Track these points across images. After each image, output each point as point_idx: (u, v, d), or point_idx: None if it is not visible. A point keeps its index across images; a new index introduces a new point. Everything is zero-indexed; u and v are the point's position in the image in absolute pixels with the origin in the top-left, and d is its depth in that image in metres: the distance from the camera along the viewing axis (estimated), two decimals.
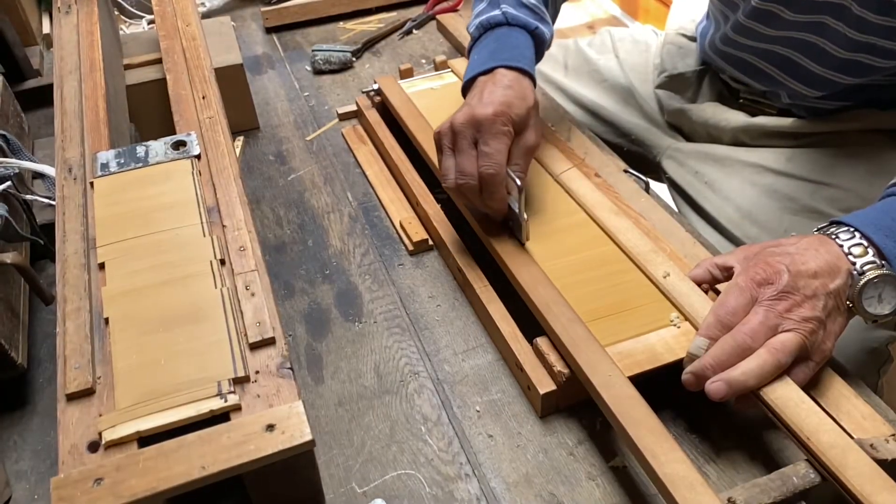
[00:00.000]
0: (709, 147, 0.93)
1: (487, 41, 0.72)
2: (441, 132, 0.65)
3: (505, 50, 0.70)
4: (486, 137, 0.62)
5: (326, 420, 0.59)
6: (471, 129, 0.63)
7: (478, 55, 0.72)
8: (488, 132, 0.62)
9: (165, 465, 0.42)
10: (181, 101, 0.71)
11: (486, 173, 0.62)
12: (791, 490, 0.46)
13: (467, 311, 0.67)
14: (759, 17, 0.79)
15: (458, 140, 0.63)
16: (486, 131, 0.62)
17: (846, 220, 0.55)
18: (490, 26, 0.73)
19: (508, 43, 0.71)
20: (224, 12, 1.26)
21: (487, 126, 0.62)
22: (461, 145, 0.63)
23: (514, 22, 0.72)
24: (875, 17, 0.69)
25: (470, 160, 0.63)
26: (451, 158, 0.64)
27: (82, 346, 0.48)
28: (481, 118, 0.62)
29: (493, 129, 0.62)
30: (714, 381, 0.50)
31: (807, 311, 0.51)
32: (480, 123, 0.62)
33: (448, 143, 0.65)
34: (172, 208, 0.58)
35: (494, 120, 0.62)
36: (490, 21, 0.72)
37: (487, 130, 0.62)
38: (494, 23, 0.72)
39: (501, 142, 0.62)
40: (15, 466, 0.56)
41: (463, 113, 0.64)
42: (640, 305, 0.60)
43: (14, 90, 0.83)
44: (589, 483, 0.53)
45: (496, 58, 0.69)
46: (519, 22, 0.72)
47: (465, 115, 0.63)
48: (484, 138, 0.62)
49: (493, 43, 0.71)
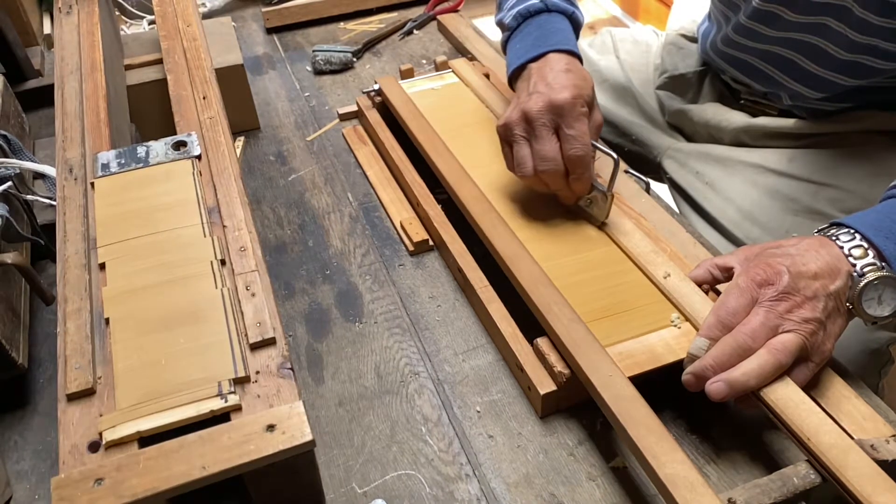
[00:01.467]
0: (710, 147, 0.93)
1: (529, 29, 0.73)
2: (510, 122, 0.65)
3: (551, 35, 0.71)
4: (570, 121, 0.63)
5: (327, 420, 0.59)
6: (550, 114, 0.63)
7: (521, 43, 0.72)
8: (570, 115, 0.63)
9: (166, 465, 0.42)
10: (182, 101, 0.71)
11: (576, 155, 0.63)
12: (791, 491, 0.46)
13: (468, 311, 0.67)
14: (761, 18, 0.79)
15: (537, 127, 0.64)
16: (567, 115, 0.63)
17: (847, 221, 0.55)
18: (529, 14, 0.74)
19: (552, 28, 0.72)
20: (225, 13, 1.26)
21: (569, 109, 0.63)
22: (540, 132, 0.64)
23: (553, 8, 0.73)
24: (877, 19, 0.69)
25: (552, 145, 0.63)
26: (526, 147, 0.65)
27: (83, 346, 0.48)
28: (561, 102, 0.63)
29: (574, 111, 0.63)
30: (714, 382, 0.50)
31: (807, 312, 0.51)
32: (561, 108, 0.63)
33: (521, 133, 0.65)
34: (173, 209, 0.58)
35: (574, 103, 0.63)
36: (529, 9, 0.74)
37: (569, 114, 0.63)
38: (534, 10, 0.73)
39: (584, 123, 0.63)
40: (16, 466, 0.56)
41: (536, 100, 0.64)
42: (641, 306, 0.60)
43: (15, 90, 0.83)
44: (589, 483, 0.53)
45: (545, 43, 0.70)
46: (558, 8, 0.73)
47: (542, 101, 0.64)
48: (567, 122, 0.63)
49: (536, 30, 0.72)
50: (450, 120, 0.83)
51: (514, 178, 0.72)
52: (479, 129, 0.82)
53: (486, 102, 0.86)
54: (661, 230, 0.68)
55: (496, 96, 0.87)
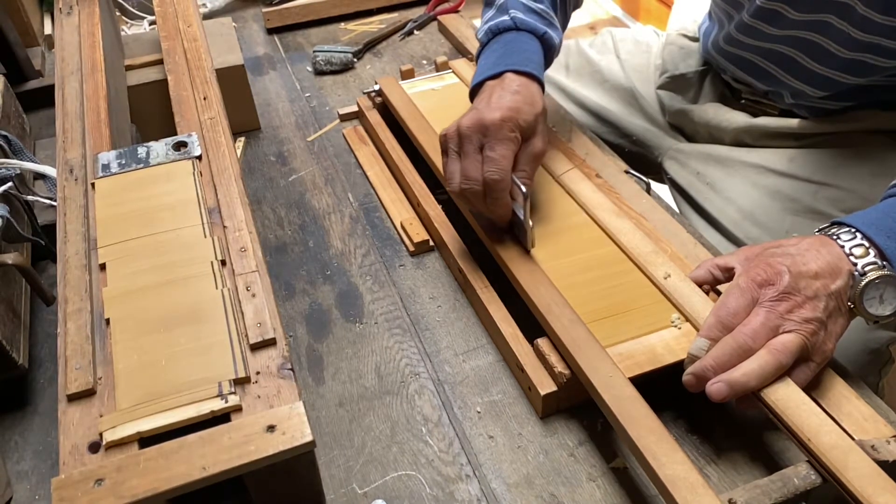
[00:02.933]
0: (710, 148, 0.93)
1: (496, 46, 0.72)
2: (447, 135, 0.65)
3: (513, 54, 0.70)
4: (493, 143, 0.62)
5: (327, 421, 0.59)
6: (478, 133, 0.62)
7: (486, 60, 0.72)
8: (495, 137, 0.62)
9: (166, 465, 0.42)
10: (182, 101, 0.71)
11: (490, 179, 0.61)
12: (792, 491, 0.46)
13: (468, 311, 0.67)
14: (764, 16, 0.79)
15: (465, 144, 0.63)
16: (492, 136, 0.62)
17: (847, 220, 0.55)
18: (499, 31, 0.73)
19: (517, 48, 0.71)
20: (225, 13, 1.26)
21: (494, 131, 0.62)
22: (467, 149, 0.63)
23: (522, 27, 0.72)
24: (880, 17, 0.69)
25: (475, 165, 0.62)
26: (456, 162, 0.64)
27: (83, 347, 0.48)
28: (488, 123, 0.62)
29: (500, 134, 0.62)
30: (715, 382, 0.50)
31: (808, 311, 0.50)
32: (487, 128, 0.62)
33: (454, 147, 0.64)
34: (173, 209, 0.58)
35: (502, 125, 0.62)
36: (499, 26, 0.73)
37: (494, 136, 0.62)
38: (503, 28, 0.72)
39: (508, 147, 0.62)
40: (16, 467, 0.56)
41: (470, 117, 0.63)
42: (641, 306, 0.60)
43: (16, 91, 0.84)
44: (590, 484, 0.53)
45: (504, 62, 0.69)
46: (527, 27, 0.72)
47: (473, 120, 0.63)
48: (490, 143, 0.62)
49: (501, 48, 0.71)
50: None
51: None
52: None
53: None
54: (662, 230, 0.68)
55: None
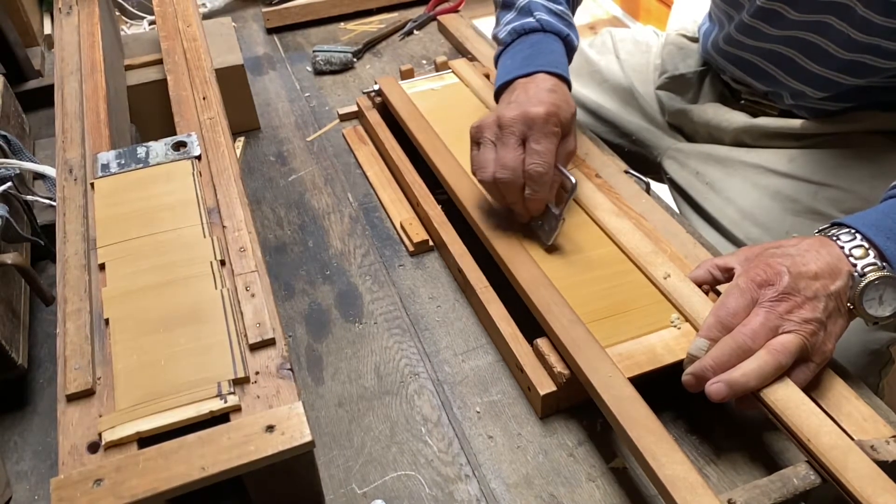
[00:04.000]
0: (710, 148, 0.93)
1: (521, 46, 0.73)
2: (483, 126, 0.65)
3: (542, 55, 0.70)
4: (538, 136, 0.62)
5: (326, 421, 0.59)
6: (521, 125, 0.63)
7: (511, 60, 0.72)
8: (540, 131, 0.62)
9: (165, 465, 0.42)
10: (182, 101, 0.71)
11: (535, 171, 0.62)
12: (791, 491, 0.46)
13: (468, 311, 0.67)
14: (764, 16, 0.79)
15: (505, 135, 0.63)
16: (537, 129, 0.62)
17: (847, 221, 0.55)
18: (524, 32, 0.73)
19: (545, 49, 0.71)
20: (225, 13, 1.26)
21: (540, 124, 0.62)
22: (507, 140, 0.63)
23: (549, 29, 0.73)
24: (879, 18, 0.69)
25: (514, 156, 0.63)
26: (491, 151, 0.64)
27: (82, 347, 0.48)
28: (534, 116, 0.62)
29: (546, 128, 0.62)
30: (714, 383, 0.50)
31: (807, 312, 0.50)
32: (533, 121, 0.62)
33: (491, 137, 0.64)
34: (173, 209, 0.58)
35: (547, 119, 0.62)
36: (524, 27, 0.73)
37: (539, 129, 0.62)
38: (529, 29, 0.73)
39: (552, 142, 0.62)
40: (16, 467, 0.56)
41: (512, 109, 0.63)
42: (641, 306, 0.60)
43: (15, 91, 0.84)
44: (589, 484, 0.53)
45: (535, 62, 0.69)
46: (553, 29, 0.73)
47: (517, 111, 0.63)
48: (535, 136, 0.62)
49: (528, 48, 0.72)
50: (450, 120, 0.83)
51: None
52: None
53: (486, 103, 0.86)
54: (662, 230, 0.68)
55: None
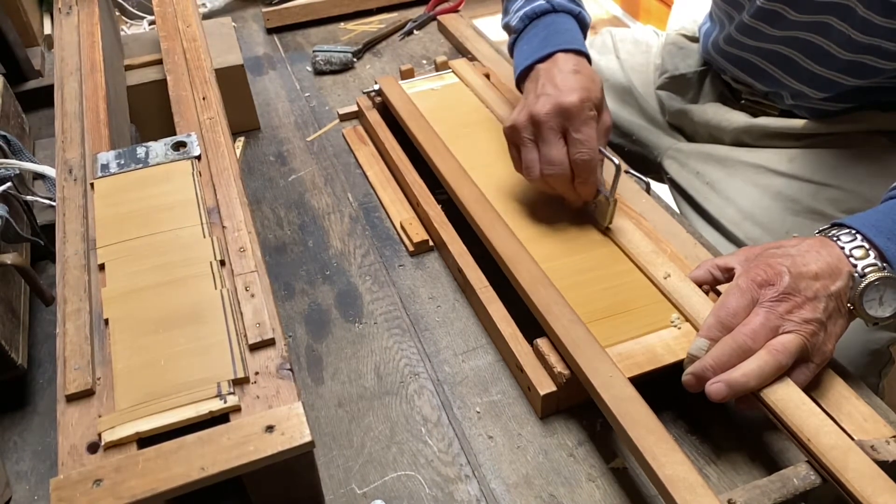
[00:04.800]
0: (710, 147, 0.93)
1: (535, 30, 0.72)
2: (518, 125, 0.65)
3: (558, 34, 0.70)
4: (577, 125, 0.62)
5: (326, 421, 0.59)
6: (558, 118, 0.63)
7: (528, 45, 0.72)
8: (578, 119, 0.62)
9: (165, 466, 0.42)
10: (182, 101, 0.71)
11: (581, 160, 0.62)
12: (791, 491, 0.46)
13: (467, 311, 0.67)
14: (765, 17, 0.79)
15: (544, 130, 0.63)
16: (575, 118, 0.62)
17: (848, 221, 0.55)
18: (535, 16, 0.73)
19: (560, 28, 0.71)
20: (225, 13, 1.26)
21: (576, 113, 0.62)
22: (547, 136, 0.63)
23: (559, 8, 0.73)
24: (880, 19, 0.69)
25: (559, 149, 0.63)
26: (534, 151, 0.64)
27: (82, 347, 0.48)
28: (569, 106, 0.62)
29: (583, 115, 0.62)
30: (714, 382, 0.50)
31: (808, 312, 0.50)
32: (569, 111, 0.62)
33: (529, 136, 0.64)
34: (172, 209, 0.58)
35: (582, 106, 0.62)
36: (535, 11, 0.73)
37: (577, 117, 0.62)
38: (540, 11, 0.73)
39: (592, 127, 0.63)
40: (15, 467, 0.56)
41: (544, 102, 0.63)
42: (641, 306, 0.60)
43: (15, 91, 0.84)
44: (589, 484, 0.53)
45: (552, 43, 0.69)
46: (565, 8, 0.73)
47: (550, 104, 0.63)
48: (575, 125, 0.62)
49: (542, 31, 0.72)
50: (450, 120, 0.83)
51: (515, 179, 0.72)
52: (480, 130, 0.82)
53: (486, 103, 0.86)
54: (662, 230, 0.68)
55: (496, 96, 0.87)
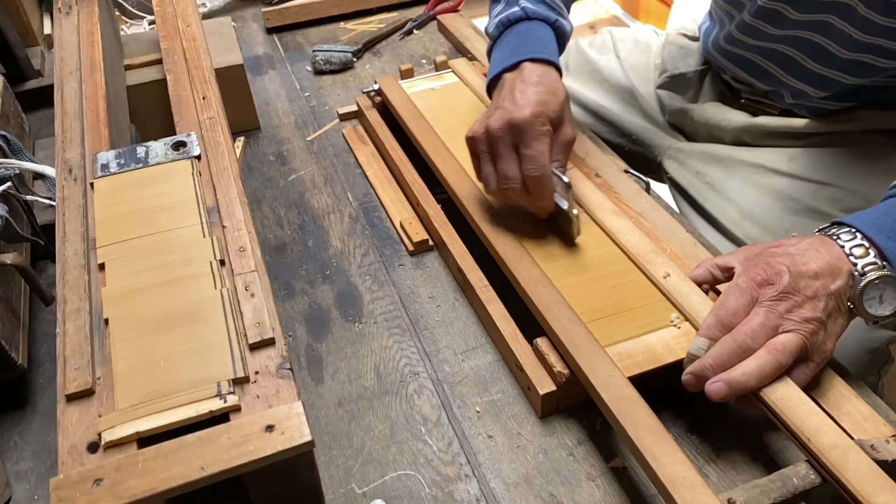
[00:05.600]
0: (710, 147, 0.93)
1: (509, 38, 0.72)
2: (475, 137, 0.64)
3: (528, 43, 0.70)
4: (528, 140, 0.61)
5: (326, 420, 0.59)
6: (509, 133, 0.62)
7: (500, 52, 0.71)
8: (528, 134, 0.61)
9: (165, 465, 0.42)
10: (181, 101, 0.71)
11: (531, 176, 0.61)
12: (791, 491, 0.46)
13: (467, 311, 0.67)
14: (765, 16, 0.79)
15: (497, 145, 0.63)
16: (525, 134, 0.62)
17: (847, 220, 0.55)
18: (510, 23, 0.73)
19: (531, 36, 0.71)
20: (225, 13, 1.26)
21: (527, 129, 0.61)
22: (500, 150, 0.63)
23: (533, 16, 0.72)
24: (881, 19, 0.69)
25: (511, 164, 0.62)
26: (489, 164, 0.64)
27: (82, 347, 0.48)
28: (519, 121, 0.62)
29: (533, 131, 0.61)
30: (714, 382, 0.50)
31: (807, 311, 0.50)
32: (519, 127, 0.62)
33: (485, 149, 0.64)
34: (172, 209, 0.58)
35: (533, 122, 0.62)
36: (509, 18, 0.72)
37: (528, 133, 0.61)
38: (514, 19, 0.72)
39: (543, 143, 0.62)
40: (15, 467, 0.56)
41: (498, 117, 0.63)
42: (641, 306, 0.60)
43: (15, 91, 0.84)
44: (589, 484, 0.53)
45: (520, 52, 0.68)
46: (539, 15, 0.72)
47: (502, 120, 0.62)
48: (525, 141, 0.62)
49: (514, 38, 0.71)
50: (450, 120, 0.83)
51: None
52: None
53: (486, 102, 0.86)
54: (662, 230, 0.68)
55: None
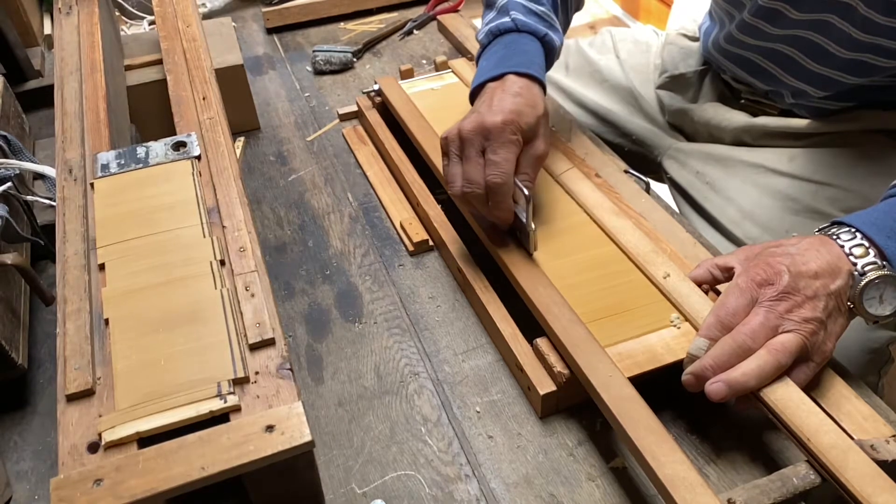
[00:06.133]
0: (710, 147, 0.93)
1: (496, 48, 0.72)
2: (448, 138, 0.64)
3: (514, 56, 0.69)
4: (495, 146, 0.61)
5: (326, 421, 0.59)
6: (479, 136, 0.62)
7: (486, 61, 0.71)
8: (497, 140, 0.61)
9: (165, 465, 0.42)
10: (182, 101, 0.71)
11: (492, 182, 0.61)
12: (791, 491, 0.46)
13: (467, 311, 0.67)
14: (765, 15, 0.79)
15: (466, 147, 0.63)
16: (494, 139, 0.61)
17: (847, 220, 0.55)
18: (499, 33, 0.72)
19: (518, 49, 0.70)
20: (225, 13, 1.26)
21: (496, 134, 0.61)
22: (468, 153, 0.63)
23: (523, 28, 0.72)
24: (881, 18, 0.69)
25: (477, 168, 0.62)
26: (457, 166, 0.64)
27: (82, 347, 0.48)
28: (490, 126, 0.62)
29: (502, 137, 0.61)
30: (714, 382, 0.50)
31: (807, 311, 0.50)
32: (489, 131, 0.62)
33: (455, 150, 0.64)
34: (172, 209, 0.58)
35: (503, 128, 0.61)
36: (500, 28, 0.72)
37: (496, 139, 0.61)
38: (504, 29, 0.72)
39: (510, 150, 0.62)
40: (16, 467, 0.56)
41: (471, 120, 0.63)
42: (641, 306, 0.60)
43: (15, 91, 0.84)
44: (589, 484, 0.53)
45: (506, 64, 0.68)
46: (528, 28, 0.72)
47: (474, 123, 0.62)
48: (492, 147, 0.61)
49: (502, 49, 0.71)
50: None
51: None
52: None
53: None
54: (661, 230, 0.68)
55: None
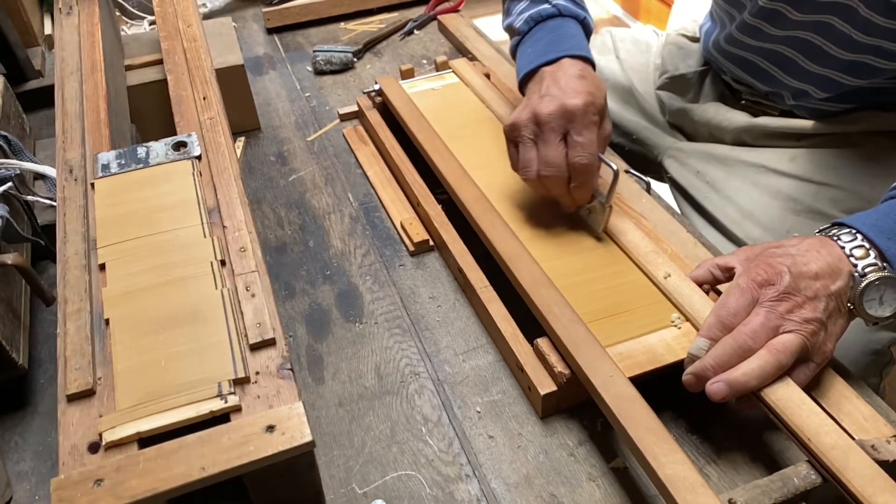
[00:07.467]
0: (711, 147, 0.93)
1: (541, 33, 0.72)
2: (519, 124, 0.64)
3: (564, 40, 0.70)
4: (579, 128, 0.62)
5: (327, 421, 0.59)
6: (561, 119, 0.62)
7: (532, 47, 0.72)
8: (581, 122, 0.62)
9: (165, 465, 0.42)
10: (182, 101, 0.71)
11: (580, 163, 0.62)
12: (792, 491, 0.46)
13: (468, 311, 0.67)
14: (766, 16, 0.79)
15: (545, 131, 0.63)
16: (578, 121, 0.62)
17: (848, 221, 0.55)
18: (541, 19, 0.73)
19: (566, 33, 0.71)
20: (225, 13, 1.26)
21: (580, 116, 0.62)
22: (548, 137, 0.63)
23: (566, 13, 0.73)
24: (882, 20, 0.69)
25: (557, 151, 0.63)
26: (533, 150, 0.64)
27: (83, 347, 0.48)
28: (573, 108, 0.62)
29: (586, 119, 0.62)
30: (715, 382, 0.50)
31: (808, 312, 0.50)
32: (572, 113, 0.62)
33: (529, 135, 0.64)
34: (173, 209, 0.58)
35: (586, 110, 0.62)
36: (541, 14, 0.73)
37: (580, 121, 0.62)
38: (546, 15, 0.73)
39: (593, 132, 0.63)
40: (16, 467, 0.56)
41: (548, 103, 0.63)
42: (641, 306, 0.60)
43: (15, 91, 0.84)
44: (589, 484, 0.53)
45: (558, 48, 0.69)
46: (570, 13, 0.73)
47: (554, 105, 0.63)
48: (577, 128, 0.62)
49: (548, 34, 0.71)
50: (450, 120, 0.83)
51: (515, 179, 0.72)
52: (480, 130, 0.82)
53: (486, 102, 0.86)
54: (662, 230, 0.68)
55: (496, 96, 0.87)
